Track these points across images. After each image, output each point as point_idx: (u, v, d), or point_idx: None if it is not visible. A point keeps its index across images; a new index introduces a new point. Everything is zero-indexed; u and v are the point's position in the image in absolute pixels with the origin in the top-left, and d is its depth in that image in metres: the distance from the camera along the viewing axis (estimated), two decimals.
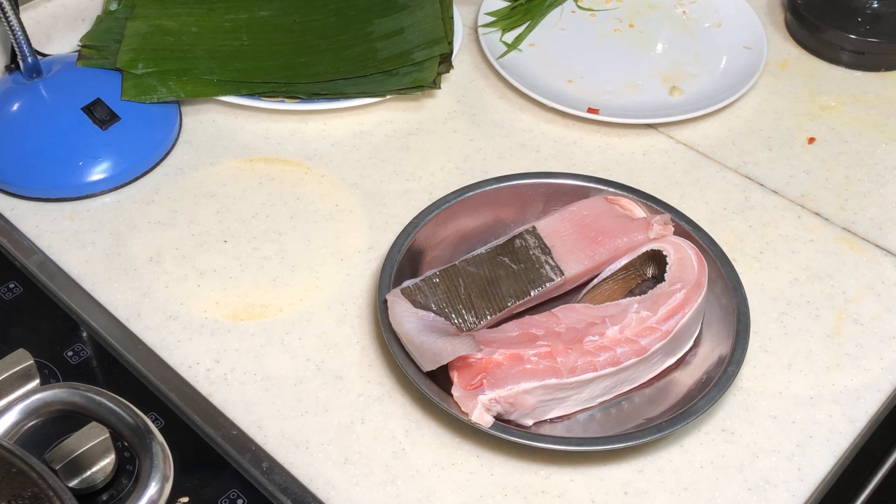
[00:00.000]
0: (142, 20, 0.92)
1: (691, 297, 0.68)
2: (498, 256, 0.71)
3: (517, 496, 0.63)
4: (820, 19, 0.98)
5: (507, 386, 0.63)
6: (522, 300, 0.70)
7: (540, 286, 0.70)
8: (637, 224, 0.74)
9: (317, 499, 0.62)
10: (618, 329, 0.66)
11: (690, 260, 0.70)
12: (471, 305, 0.69)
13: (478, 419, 0.63)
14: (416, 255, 0.74)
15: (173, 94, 0.87)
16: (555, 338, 0.65)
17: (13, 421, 0.51)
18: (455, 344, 0.63)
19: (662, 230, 0.73)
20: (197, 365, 0.70)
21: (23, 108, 0.84)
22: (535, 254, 0.72)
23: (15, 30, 0.82)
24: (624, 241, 0.73)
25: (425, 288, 0.68)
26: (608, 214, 0.74)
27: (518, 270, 0.71)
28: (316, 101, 0.88)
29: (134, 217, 0.80)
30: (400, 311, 0.66)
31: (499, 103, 0.92)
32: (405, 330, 0.65)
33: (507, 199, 0.78)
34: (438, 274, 0.70)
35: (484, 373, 0.63)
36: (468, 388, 0.63)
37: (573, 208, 0.75)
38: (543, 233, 0.73)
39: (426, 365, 0.64)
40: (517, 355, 0.64)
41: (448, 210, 0.76)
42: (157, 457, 0.50)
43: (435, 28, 0.94)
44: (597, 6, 1.04)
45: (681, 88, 0.94)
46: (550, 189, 0.78)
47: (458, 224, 0.77)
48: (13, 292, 0.73)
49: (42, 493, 0.45)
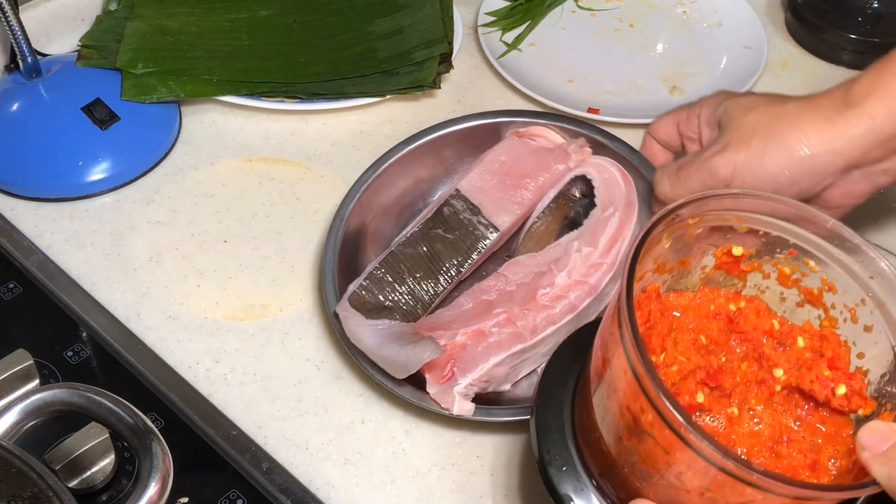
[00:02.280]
0: (141, 20, 0.92)
1: (626, 220, 0.68)
2: (431, 230, 0.72)
3: (517, 496, 0.63)
4: (820, 19, 0.98)
5: (477, 367, 0.63)
6: (466, 266, 0.71)
7: (479, 249, 0.71)
8: (555, 155, 0.74)
9: (317, 499, 0.62)
10: (566, 274, 0.66)
11: (616, 179, 0.70)
12: (420, 287, 0.69)
13: (459, 411, 0.63)
14: (353, 242, 0.74)
15: (173, 94, 0.87)
16: (508, 300, 0.66)
17: (13, 421, 0.51)
18: (418, 351, 0.62)
19: (580, 154, 0.73)
20: (197, 365, 0.70)
21: (22, 108, 0.84)
22: (465, 217, 0.72)
23: (14, 30, 0.82)
24: (547, 178, 0.73)
25: (371, 286, 0.68)
26: (524, 153, 0.74)
27: (454, 239, 0.71)
28: (316, 100, 0.88)
29: (134, 217, 0.80)
30: (356, 327, 0.66)
31: (499, 103, 0.92)
32: (367, 346, 0.65)
33: (421, 159, 0.78)
34: (379, 266, 0.70)
35: (452, 360, 0.63)
36: (441, 381, 0.63)
37: (489, 158, 0.75)
38: (468, 192, 0.73)
39: (397, 375, 0.64)
40: (478, 331, 0.64)
41: (370, 188, 0.75)
42: (157, 457, 0.50)
43: (435, 28, 0.94)
44: (597, 6, 1.04)
45: (681, 88, 0.94)
46: (459, 136, 0.78)
47: (381, 199, 0.76)
48: (13, 292, 0.73)
49: (42, 494, 0.45)
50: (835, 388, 0.48)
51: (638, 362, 0.43)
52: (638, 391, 0.44)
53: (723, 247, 0.53)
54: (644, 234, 0.47)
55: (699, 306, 0.52)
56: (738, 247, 0.53)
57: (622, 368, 0.45)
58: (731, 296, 0.53)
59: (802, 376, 0.49)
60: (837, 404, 0.49)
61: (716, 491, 0.43)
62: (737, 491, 0.43)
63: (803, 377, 0.49)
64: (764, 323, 0.51)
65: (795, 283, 0.53)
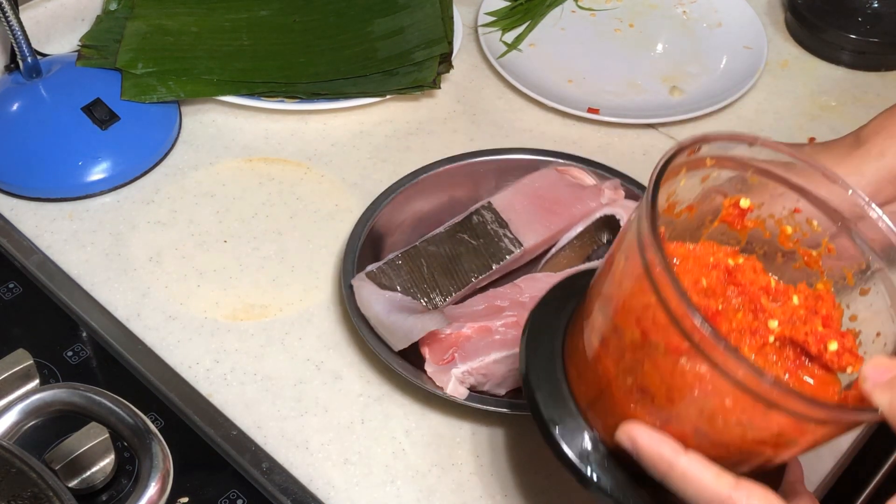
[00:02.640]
0: (141, 20, 0.92)
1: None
2: (457, 234, 0.73)
3: (517, 496, 0.63)
4: (820, 19, 0.98)
5: (478, 358, 0.65)
6: (485, 274, 0.72)
7: (500, 259, 0.72)
8: (589, 191, 0.76)
9: (317, 499, 0.62)
10: None
11: None
12: (435, 284, 0.71)
13: (453, 392, 0.64)
14: (377, 242, 0.76)
15: (173, 94, 0.87)
16: (520, 307, 0.67)
17: (13, 421, 0.51)
18: (424, 320, 0.65)
19: (613, 195, 0.75)
20: (197, 365, 0.70)
21: (22, 108, 0.84)
22: (492, 228, 0.74)
23: (14, 30, 0.82)
24: (578, 209, 0.75)
25: (389, 271, 0.70)
26: (560, 184, 0.77)
27: (478, 246, 0.73)
28: (316, 100, 0.88)
29: (134, 217, 0.80)
30: (367, 294, 0.68)
31: (499, 103, 0.92)
32: (374, 312, 0.67)
33: (460, 179, 0.80)
34: (401, 256, 0.71)
35: (455, 347, 0.65)
36: (441, 363, 0.65)
37: (525, 181, 0.77)
38: (499, 207, 0.75)
39: (398, 344, 0.65)
40: (486, 327, 0.66)
41: (404, 194, 0.77)
42: (157, 457, 0.50)
43: (435, 28, 0.94)
44: (597, 6, 1.04)
45: (681, 88, 0.94)
46: (501, 165, 0.80)
47: (414, 207, 0.78)
48: (13, 292, 0.73)
49: (42, 494, 0.45)
50: (827, 343, 0.49)
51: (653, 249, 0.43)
52: (649, 291, 0.44)
53: (732, 197, 0.53)
54: (671, 156, 0.48)
55: (699, 257, 0.52)
56: (747, 199, 0.53)
57: (633, 272, 0.45)
58: (730, 252, 0.53)
59: (797, 329, 0.49)
60: (828, 360, 0.49)
61: (715, 405, 0.44)
62: (737, 404, 0.43)
63: (798, 329, 0.49)
64: (761, 279, 0.52)
65: (795, 245, 0.53)
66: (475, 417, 0.67)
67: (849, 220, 0.51)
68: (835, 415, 0.43)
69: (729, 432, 0.44)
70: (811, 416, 0.43)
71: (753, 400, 0.42)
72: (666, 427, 0.46)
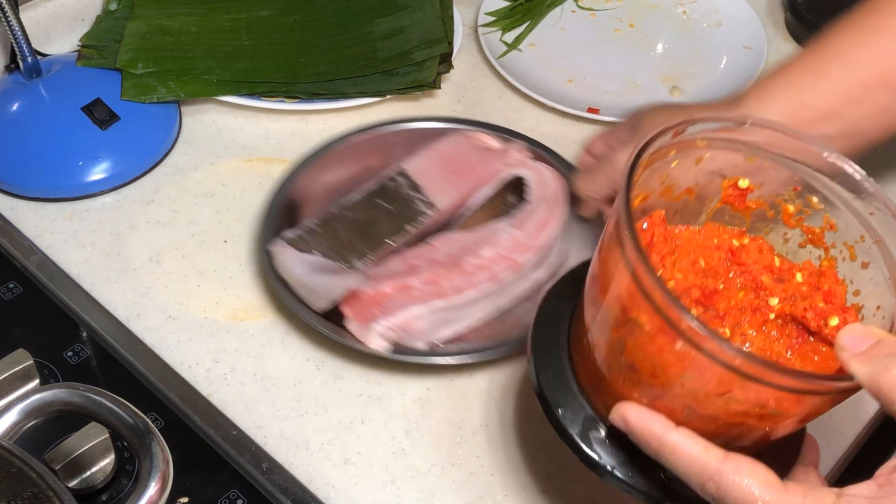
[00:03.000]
0: (141, 20, 0.92)
1: (553, 213, 0.74)
2: (373, 199, 0.76)
3: (517, 496, 0.63)
4: (820, 19, 0.98)
5: (397, 313, 0.67)
6: (401, 236, 0.74)
7: (415, 221, 0.75)
8: (496, 154, 0.79)
9: (317, 499, 0.62)
10: (492, 249, 0.71)
11: (549, 180, 0.76)
12: (353, 248, 0.73)
13: (376, 346, 0.67)
14: (292, 212, 0.77)
15: (173, 94, 0.87)
16: (435, 265, 0.70)
17: (13, 421, 0.51)
18: (345, 280, 0.68)
19: (520, 157, 0.79)
20: (197, 365, 0.70)
21: (22, 108, 0.84)
22: (406, 192, 0.76)
23: (15, 30, 0.82)
24: (486, 171, 0.78)
25: (307, 237, 0.72)
26: (468, 148, 0.80)
27: (393, 210, 0.75)
28: (316, 100, 0.88)
29: (134, 217, 0.80)
30: (288, 258, 0.70)
31: (499, 103, 0.92)
32: (295, 275, 0.69)
33: (372, 148, 0.82)
34: (318, 222, 0.73)
35: (375, 305, 0.68)
36: (362, 320, 0.67)
37: (435, 147, 0.80)
38: (412, 172, 0.78)
39: (320, 304, 0.68)
40: (404, 285, 0.68)
41: (318, 164, 0.80)
42: (157, 457, 0.50)
43: (435, 28, 0.94)
44: (597, 6, 1.04)
45: (681, 88, 0.94)
46: (411, 134, 0.82)
47: (328, 177, 0.80)
48: (13, 292, 0.73)
49: (42, 493, 0.45)
50: (828, 318, 0.49)
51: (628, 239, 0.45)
52: (625, 273, 0.45)
53: (730, 178, 0.54)
54: (651, 138, 0.49)
55: (703, 239, 0.54)
56: (745, 179, 0.54)
57: (616, 258, 0.46)
58: (736, 233, 0.55)
59: (797, 305, 0.50)
60: (829, 334, 0.50)
61: (695, 378, 0.45)
62: (713, 376, 0.44)
63: (797, 305, 0.50)
64: (765, 259, 0.53)
65: (799, 222, 0.55)
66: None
67: (843, 190, 0.52)
68: (807, 383, 0.44)
69: (712, 405, 0.46)
70: (784, 384, 0.43)
71: (726, 371, 0.43)
72: (656, 404, 0.47)
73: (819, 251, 0.54)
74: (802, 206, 0.54)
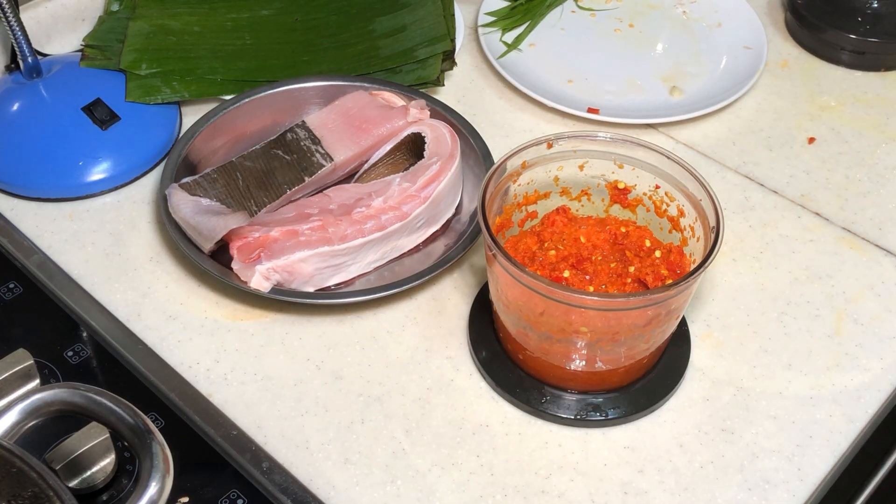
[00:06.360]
0: (144, 20, 0.92)
1: (446, 167, 0.76)
2: (272, 150, 0.79)
3: (517, 496, 0.63)
4: (820, 19, 0.98)
5: (283, 256, 0.70)
6: (298, 186, 0.77)
7: (312, 172, 0.78)
8: (397, 111, 0.82)
9: (317, 499, 0.63)
10: (382, 200, 0.74)
11: (445, 137, 0.79)
12: (250, 195, 0.75)
13: (256, 286, 0.70)
14: (197, 163, 0.81)
15: (177, 95, 0.87)
16: (327, 214, 0.73)
17: (13, 421, 0.51)
18: (227, 219, 0.70)
19: (419, 114, 0.81)
20: (197, 365, 0.70)
21: (23, 108, 0.84)
22: (306, 144, 0.79)
23: (15, 30, 0.82)
24: (386, 128, 0.81)
25: (204, 183, 0.75)
26: (370, 105, 0.82)
27: (291, 161, 0.78)
28: None
29: (134, 217, 0.80)
30: (177, 200, 0.73)
31: (499, 103, 0.92)
32: (182, 215, 0.72)
33: (283, 104, 0.85)
34: (216, 170, 0.76)
35: (261, 248, 0.70)
36: (247, 261, 0.70)
37: (338, 103, 0.83)
38: (312, 126, 0.80)
39: (205, 244, 0.71)
40: (292, 230, 0.71)
41: (226, 116, 0.83)
42: (157, 457, 0.50)
43: (437, 25, 0.94)
44: (597, 6, 1.04)
45: (681, 88, 0.94)
46: (323, 92, 0.85)
47: (236, 129, 0.84)
48: (13, 292, 0.73)
49: (42, 493, 0.45)
50: (665, 282, 0.66)
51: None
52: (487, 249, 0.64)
53: (612, 181, 0.71)
54: (502, 161, 0.68)
55: (596, 225, 0.70)
56: (622, 182, 0.71)
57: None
58: (625, 223, 0.70)
59: (644, 271, 0.67)
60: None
61: (522, 303, 0.63)
62: (532, 299, 0.62)
63: (644, 272, 0.67)
64: (640, 242, 0.69)
65: (664, 214, 0.70)
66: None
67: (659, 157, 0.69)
68: (562, 294, 0.60)
69: (546, 324, 0.63)
70: (558, 298, 0.61)
71: (535, 294, 0.61)
72: (516, 331, 0.66)
73: (679, 234, 0.69)
74: (664, 200, 0.70)
